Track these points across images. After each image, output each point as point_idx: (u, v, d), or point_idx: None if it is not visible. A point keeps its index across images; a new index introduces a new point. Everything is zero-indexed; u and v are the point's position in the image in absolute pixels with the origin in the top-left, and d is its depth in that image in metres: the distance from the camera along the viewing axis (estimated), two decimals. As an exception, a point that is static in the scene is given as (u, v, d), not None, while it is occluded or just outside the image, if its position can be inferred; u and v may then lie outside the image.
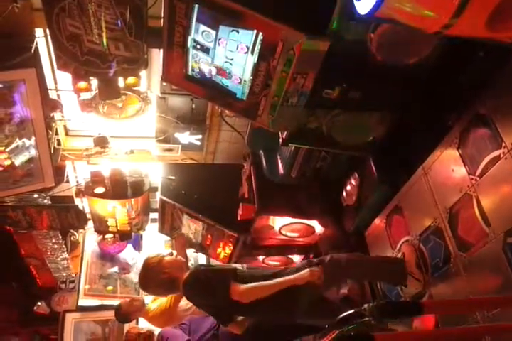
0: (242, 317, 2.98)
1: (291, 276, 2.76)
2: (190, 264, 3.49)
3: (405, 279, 2.92)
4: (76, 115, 4.60)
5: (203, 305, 3.02)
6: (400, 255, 3.06)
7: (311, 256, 4.39)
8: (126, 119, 4.54)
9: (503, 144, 2.30)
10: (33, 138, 3.87)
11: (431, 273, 2.79)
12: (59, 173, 4.58)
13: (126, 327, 5.45)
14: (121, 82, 3.58)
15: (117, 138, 4.92)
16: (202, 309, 3.12)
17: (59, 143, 4.76)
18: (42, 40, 3.74)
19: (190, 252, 4.98)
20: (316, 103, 2.77)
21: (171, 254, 3.03)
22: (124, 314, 4.11)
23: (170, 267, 2.91)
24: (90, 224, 5.26)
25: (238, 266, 3.03)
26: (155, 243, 6.22)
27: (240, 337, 3.28)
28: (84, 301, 5.85)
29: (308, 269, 2.77)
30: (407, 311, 1.89)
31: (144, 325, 4.35)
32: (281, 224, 4.13)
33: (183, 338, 3.39)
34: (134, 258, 6.29)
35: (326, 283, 2.99)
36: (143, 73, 3.64)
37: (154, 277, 2.91)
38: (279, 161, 3.86)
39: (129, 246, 6.19)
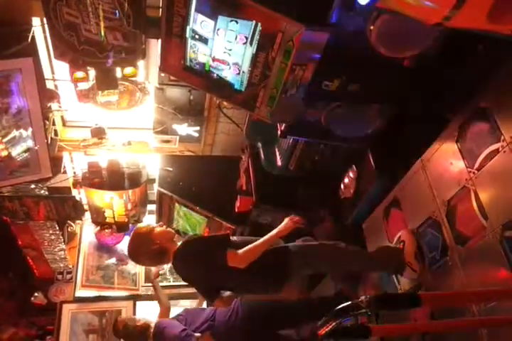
0: (228, 294, 3.02)
1: (275, 230, 2.90)
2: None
3: (403, 268, 2.91)
4: (73, 105, 4.58)
5: (193, 277, 3.01)
6: (398, 242, 3.01)
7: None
8: (124, 110, 4.53)
9: (502, 138, 2.29)
10: (30, 128, 3.85)
11: (428, 265, 2.79)
12: (56, 164, 4.57)
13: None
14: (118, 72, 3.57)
15: (115, 129, 4.91)
16: (189, 283, 3.11)
17: (56, 134, 4.75)
18: (39, 30, 3.71)
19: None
20: (315, 95, 2.76)
21: (161, 225, 3.02)
22: None
23: (160, 238, 2.90)
24: (87, 215, 5.26)
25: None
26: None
27: (235, 327, 3.31)
28: (81, 292, 5.86)
29: (287, 218, 2.96)
30: (405, 303, 1.89)
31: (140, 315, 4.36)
32: (279, 216, 4.13)
33: (180, 327, 3.40)
34: (131, 249, 6.28)
35: (325, 266, 3.02)
36: (141, 64, 3.62)
37: (144, 248, 2.89)
38: (278, 153, 3.86)
39: (126, 238, 6.18)
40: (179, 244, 2.95)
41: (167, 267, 4.48)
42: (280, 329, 3.59)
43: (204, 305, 3.94)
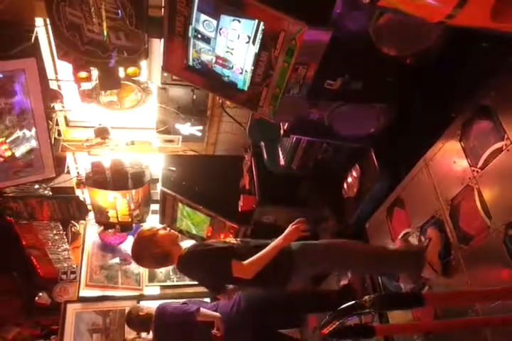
0: (231, 287, 3.10)
1: (279, 238, 2.82)
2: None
3: (422, 268, 2.79)
4: (77, 106, 4.59)
5: (199, 279, 3.07)
6: (425, 240, 2.86)
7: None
8: (127, 110, 4.53)
9: (506, 136, 2.28)
10: (34, 129, 3.85)
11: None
12: (59, 164, 4.57)
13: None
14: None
15: (118, 129, 4.91)
16: (193, 279, 3.17)
17: (59, 134, 4.75)
18: (42, 30, 3.72)
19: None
20: (318, 94, 2.76)
21: (164, 228, 3.03)
22: None
23: (163, 241, 2.90)
24: (91, 215, 5.26)
25: (232, 240, 3.10)
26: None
27: (237, 319, 3.34)
28: (85, 292, 5.86)
29: (290, 226, 2.86)
30: (409, 303, 1.88)
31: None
32: (282, 216, 4.12)
33: (180, 303, 3.53)
34: (134, 249, 6.30)
35: (331, 267, 3.01)
36: (143, 63, 3.62)
37: (148, 251, 2.89)
38: (280, 153, 3.85)
39: (130, 238, 6.20)
40: (183, 249, 2.95)
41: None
42: (281, 321, 3.61)
43: None
